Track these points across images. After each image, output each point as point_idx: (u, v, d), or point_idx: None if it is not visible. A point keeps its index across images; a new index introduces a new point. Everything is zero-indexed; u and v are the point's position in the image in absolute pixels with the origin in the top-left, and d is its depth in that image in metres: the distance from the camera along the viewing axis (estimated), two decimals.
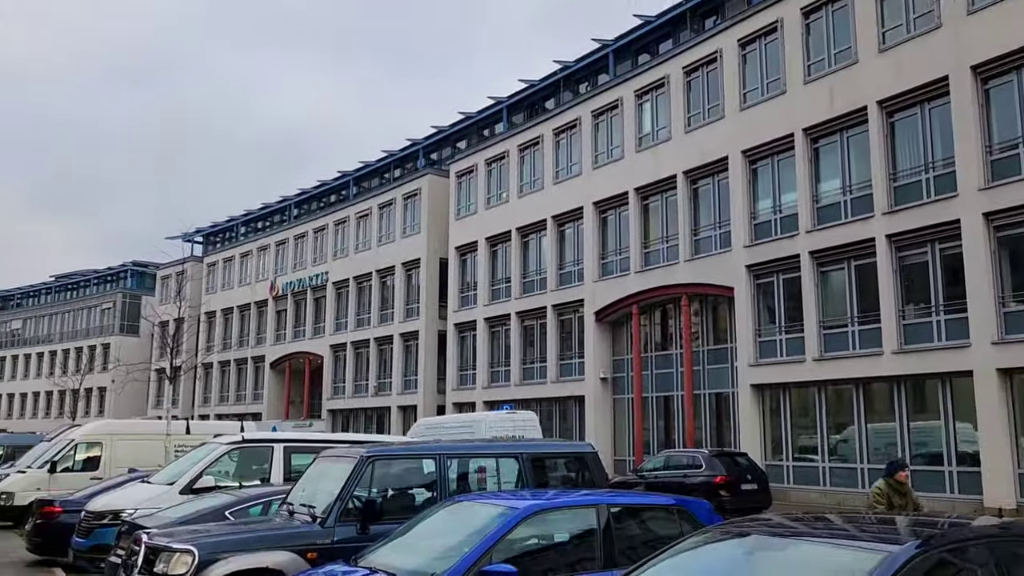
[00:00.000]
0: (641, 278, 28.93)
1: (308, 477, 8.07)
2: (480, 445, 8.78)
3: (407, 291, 41.51)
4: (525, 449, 8.06)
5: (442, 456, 7.57)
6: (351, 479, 7.09)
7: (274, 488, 9.44)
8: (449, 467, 7.55)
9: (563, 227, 33.10)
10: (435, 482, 7.46)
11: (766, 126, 24.79)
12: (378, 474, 7.31)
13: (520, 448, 8.08)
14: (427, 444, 8.41)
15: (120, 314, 65.75)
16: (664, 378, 28.82)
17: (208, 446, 11.29)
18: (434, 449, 7.89)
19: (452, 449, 7.97)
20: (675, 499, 5.88)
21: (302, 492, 7.95)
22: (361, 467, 7.16)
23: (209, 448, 11.08)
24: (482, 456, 8.10)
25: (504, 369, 35.04)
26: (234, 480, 10.94)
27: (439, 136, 44.24)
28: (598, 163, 31.34)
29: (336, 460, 7.79)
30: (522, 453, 7.91)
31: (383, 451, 7.61)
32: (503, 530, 5.10)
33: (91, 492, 12.38)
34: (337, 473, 7.48)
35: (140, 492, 10.65)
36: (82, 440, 18.60)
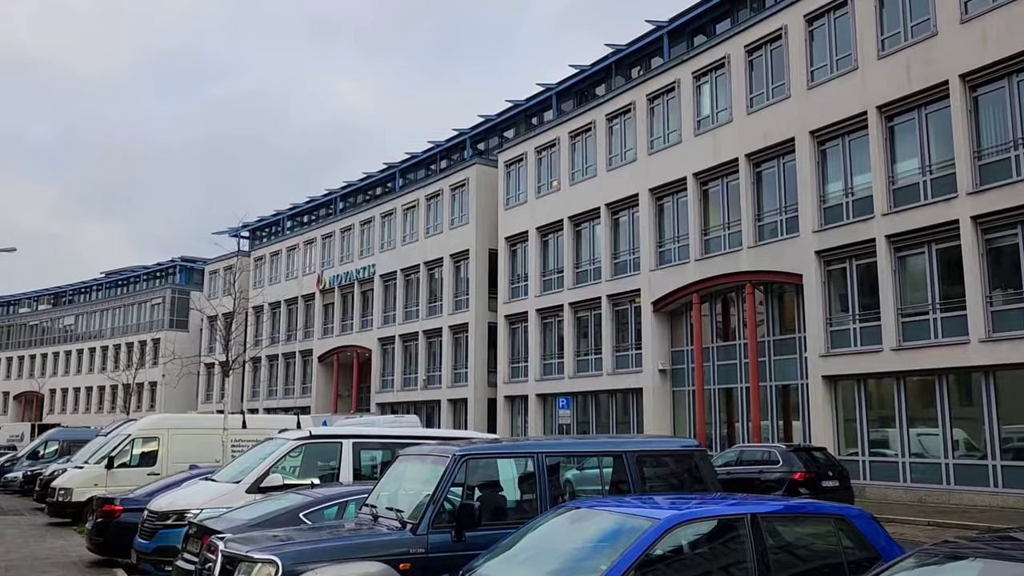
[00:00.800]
0: (701, 266, 27.90)
1: (391, 477, 7.37)
2: (581, 443, 7.95)
3: (456, 283, 40.90)
4: (630, 447, 7.24)
5: (541, 455, 6.78)
6: (444, 480, 6.36)
7: (349, 488, 8.78)
8: (548, 467, 6.78)
9: (617, 215, 32.16)
10: (534, 484, 6.70)
11: (836, 105, 23.60)
12: (472, 475, 6.58)
13: (624, 446, 7.27)
14: (524, 442, 7.62)
15: (169, 309, 66.31)
16: (726, 370, 27.78)
17: (274, 442, 10.68)
18: (532, 447, 7.10)
19: (551, 447, 7.17)
20: (836, 507, 5.04)
21: (385, 494, 7.26)
22: (455, 467, 6.43)
23: (275, 444, 10.47)
24: (583, 455, 7.32)
25: (557, 361, 34.24)
26: (300, 478, 10.31)
27: (486, 125, 43.51)
28: (654, 148, 30.33)
29: (424, 459, 7.07)
30: (626, 451, 7.11)
31: (478, 449, 6.86)
32: (644, 544, 4.32)
33: (152, 490, 11.88)
34: (426, 473, 6.77)
35: (204, 491, 10.08)
36: (139, 435, 18.27)
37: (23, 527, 17.52)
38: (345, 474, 10.35)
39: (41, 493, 20.79)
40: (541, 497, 6.65)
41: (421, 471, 6.96)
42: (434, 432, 13.81)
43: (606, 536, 4.67)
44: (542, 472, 6.74)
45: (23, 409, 75.61)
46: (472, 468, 6.58)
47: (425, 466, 6.92)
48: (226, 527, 7.75)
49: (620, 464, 7.07)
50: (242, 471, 10.36)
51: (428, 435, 11.73)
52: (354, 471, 10.42)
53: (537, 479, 6.71)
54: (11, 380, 78.85)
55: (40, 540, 15.03)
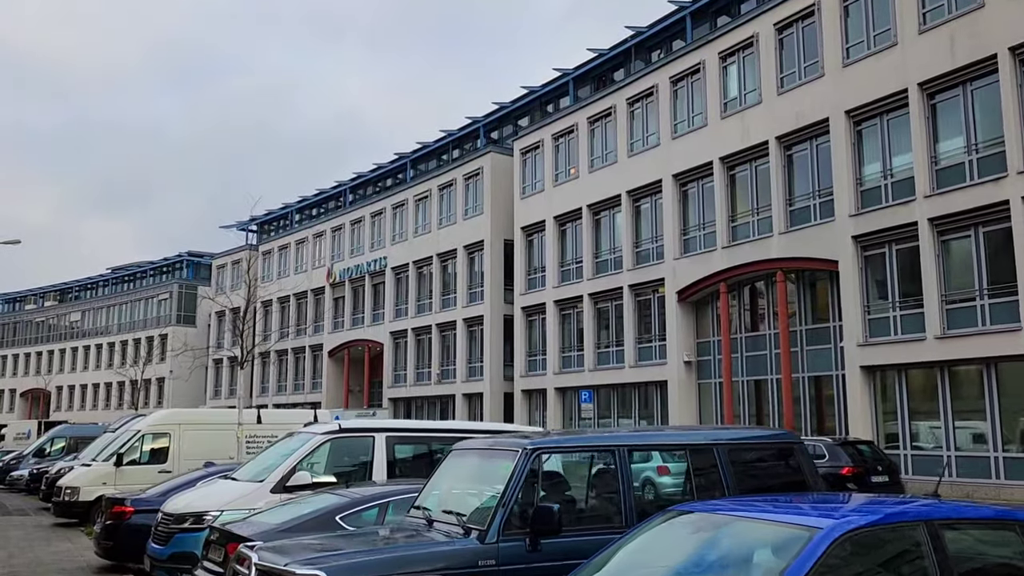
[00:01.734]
0: (728, 254, 26.87)
1: (444, 475, 6.39)
2: (665, 435, 6.94)
3: (470, 274, 39.92)
4: (721, 439, 6.25)
5: (622, 449, 5.81)
6: (514, 478, 5.38)
7: (390, 487, 7.81)
8: (631, 463, 5.80)
9: (639, 202, 31.14)
10: (615, 483, 5.72)
11: (874, 83, 22.54)
12: (546, 473, 5.61)
13: (715, 437, 6.28)
14: (601, 434, 6.60)
15: (176, 304, 65.47)
16: (755, 361, 26.77)
17: (299, 436, 9.72)
18: (612, 440, 6.11)
19: (634, 440, 6.17)
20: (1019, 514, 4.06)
21: (438, 493, 6.30)
22: (526, 462, 5.45)
23: (301, 439, 9.50)
24: (669, 448, 6.33)
25: (577, 354, 33.26)
26: (328, 476, 9.35)
27: (500, 113, 42.48)
28: (677, 132, 29.29)
29: (485, 453, 6.09)
30: (717, 444, 6.13)
31: (552, 442, 5.86)
32: (810, 560, 3.35)
33: (165, 489, 10.93)
34: (490, 470, 5.81)
35: (224, 491, 9.12)
36: (148, 431, 17.34)
37: (28, 528, 16.63)
38: (378, 471, 9.39)
39: (47, 492, 19.90)
40: (624, 499, 5.67)
41: (482, 468, 6.00)
42: (476, 425, 12.84)
43: (748, 550, 3.71)
44: (624, 469, 5.75)
45: (30, 406, 74.90)
46: (546, 464, 5.61)
47: (488, 462, 5.96)
48: (253, 533, 6.80)
49: (710, 459, 6.09)
50: (265, 469, 9.40)
51: (469, 427, 10.76)
52: (388, 468, 9.45)
53: (619, 477, 5.72)
54: (17, 377, 78.14)
55: (45, 543, 14.12)
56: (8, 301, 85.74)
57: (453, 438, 9.91)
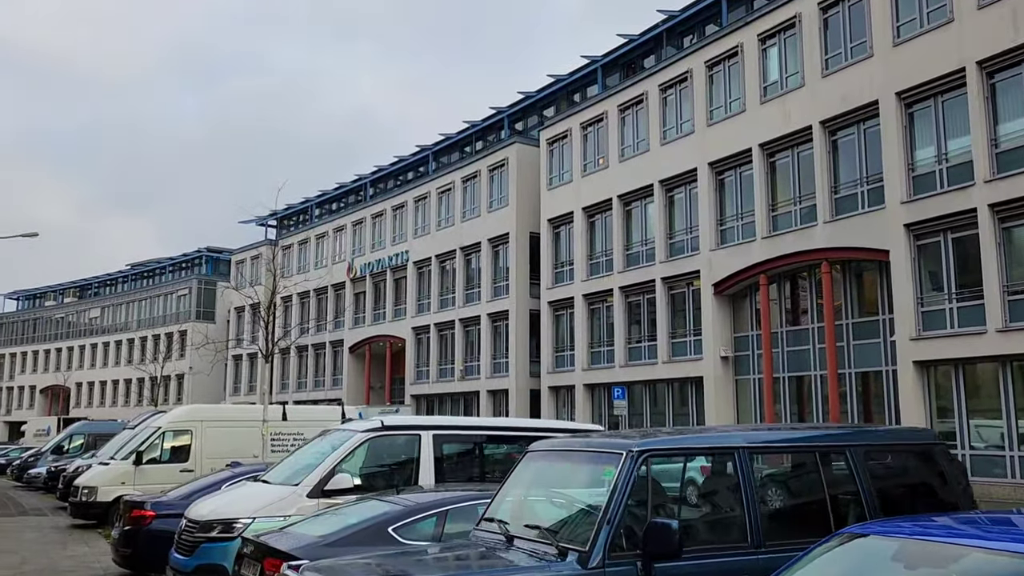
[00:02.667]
0: (769, 244, 25.74)
1: (519, 482, 5.41)
2: (791, 434, 5.84)
3: (494, 268, 38.94)
4: (855, 439, 5.23)
5: (743, 452, 4.81)
6: (619, 488, 4.39)
7: (447, 493, 6.85)
8: (753, 469, 4.80)
9: (672, 192, 30.04)
10: (737, 493, 4.71)
11: (927, 62, 21.33)
12: (657, 479, 4.62)
13: (847, 438, 5.26)
14: (717, 434, 5.58)
15: (196, 301, 64.93)
16: (797, 356, 25.63)
17: (337, 434, 8.78)
18: (729, 440, 5.11)
19: (757, 440, 5.14)
20: None
21: (512, 502, 5.32)
22: (632, 469, 4.46)
23: (340, 437, 8.56)
24: (798, 450, 5.30)
25: (607, 349, 32.22)
26: (367, 479, 8.39)
27: (525, 103, 41.46)
28: (713, 119, 28.17)
29: (574, 457, 5.10)
30: (851, 446, 5.11)
31: (663, 443, 4.85)
32: None
33: (188, 492, 10.04)
34: (583, 477, 4.85)
35: (255, 495, 8.19)
36: (169, 428, 16.51)
37: (44, 529, 15.85)
38: (425, 474, 8.43)
39: (64, 491, 19.16)
40: (749, 512, 4.67)
41: (572, 473, 5.03)
42: (531, 422, 11.85)
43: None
44: (746, 475, 4.76)
45: (49, 403, 74.70)
46: (656, 470, 4.61)
47: (580, 467, 4.98)
48: (295, 547, 5.85)
49: (842, 464, 5.08)
50: (300, 471, 8.47)
51: (524, 425, 9.79)
52: (436, 470, 8.49)
53: (741, 485, 4.73)
54: (37, 374, 77.98)
55: (61, 546, 13.29)
56: (28, 298, 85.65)
57: (508, 437, 8.97)
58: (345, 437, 8.47)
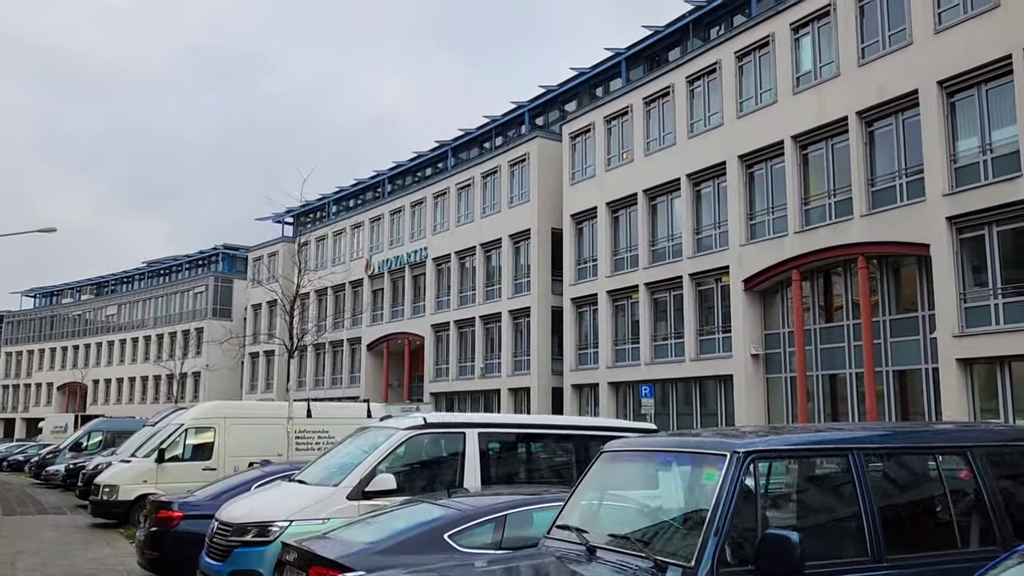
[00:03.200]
0: (801, 239, 25.04)
1: (595, 485, 4.83)
2: (907, 433, 5.20)
3: (515, 265, 38.37)
4: (978, 439, 4.62)
5: (858, 453, 4.21)
6: (725, 495, 3.81)
7: (504, 497, 6.28)
8: (870, 471, 4.21)
9: (700, 186, 29.37)
10: (854, 500, 4.11)
11: (972, 49, 20.59)
12: (767, 486, 4.04)
13: (970, 438, 4.65)
14: (831, 432, 4.93)
15: (212, 298, 64.71)
16: (831, 354, 24.92)
17: (376, 431, 8.23)
18: (843, 439, 4.49)
19: (873, 440, 4.51)
20: None
21: (589, 509, 4.75)
22: (738, 473, 3.88)
23: (380, 434, 8.01)
24: (916, 451, 4.65)
25: (632, 346, 31.59)
26: (407, 480, 7.82)
27: (546, 97, 40.85)
28: (743, 111, 27.48)
29: (666, 458, 4.51)
30: (972, 447, 4.48)
31: (772, 443, 4.24)
32: None
33: (217, 492, 9.53)
34: (675, 482, 4.27)
35: (291, 496, 7.66)
36: (192, 425, 16.05)
37: (64, 529, 15.41)
38: (471, 475, 7.86)
39: (84, 489, 18.77)
40: (868, 523, 4.08)
41: (659, 477, 4.45)
42: (583, 420, 11.27)
43: None
44: (863, 479, 4.16)
45: (67, 400, 74.76)
46: (765, 475, 4.03)
47: (670, 470, 4.40)
48: (343, 555, 5.31)
49: (963, 467, 4.49)
50: (338, 470, 7.93)
51: (575, 423, 9.21)
52: (482, 471, 7.92)
53: (859, 491, 4.13)
54: (55, 371, 78.06)
55: (82, 547, 12.83)
56: (45, 295, 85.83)
57: (557, 435, 8.40)
58: (385, 435, 7.92)
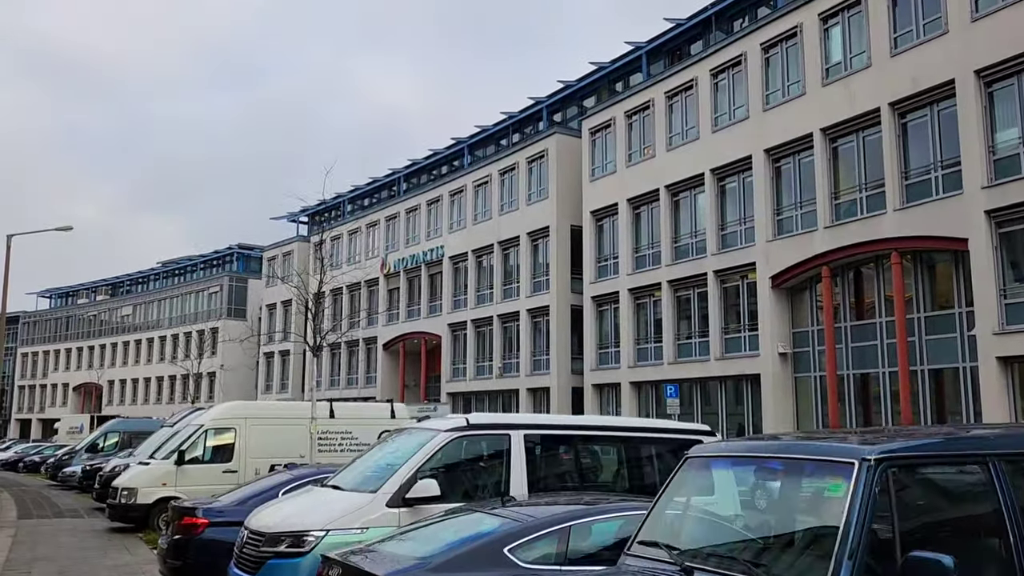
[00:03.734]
0: (832, 234, 24.40)
1: (685, 495, 4.31)
2: None
3: (534, 262, 37.84)
4: None
5: (996, 461, 3.65)
6: (859, 509, 3.26)
7: (565, 507, 5.75)
8: (1013, 483, 3.66)
9: (724, 181, 28.76)
10: (999, 514, 3.57)
11: (1011, 37, 19.92)
12: (904, 499, 3.49)
13: None
14: (971, 436, 4.38)
15: (227, 298, 64.46)
16: (862, 352, 24.27)
17: (415, 433, 7.71)
18: (985, 443, 3.93)
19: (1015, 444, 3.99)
20: None
21: (675, 522, 4.22)
22: (871, 483, 3.33)
23: (420, 436, 7.48)
24: None
25: (654, 346, 31.00)
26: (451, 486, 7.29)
27: (564, 93, 40.28)
28: (770, 104, 26.85)
29: (773, 465, 3.94)
30: None
31: (904, 449, 3.65)
32: None
33: (243, 497, 9.04)
34: (791, 493, 3.73)
35: (325, 503, 7.15)
36: (212, 425, 15.59)
37: (81, 533, 14.99)
38: (517, 481, 7.33)
39: (101, 491, 18.37)
40: (1016, 541, 3.54)
41: (764, 487, 3.92)
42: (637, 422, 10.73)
43: None
44: (1005, 490, 3.62)
45: (82, 400, 74.72)
46: (900, 486, 3.48)
47: (778, 479, 3.85)
48: (393, 571, 4.80)
49: None
50: (375, 475, 7.41)
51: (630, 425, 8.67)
52: (528, 476, 7.39)
53: (1003, 504, 3.59)
54: (70, 371, 78.07)
55: (101, 553, 12.38)
56: (60, 296, 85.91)
57: (611, 438, 7.87)
58: (426, 437, 7.39)
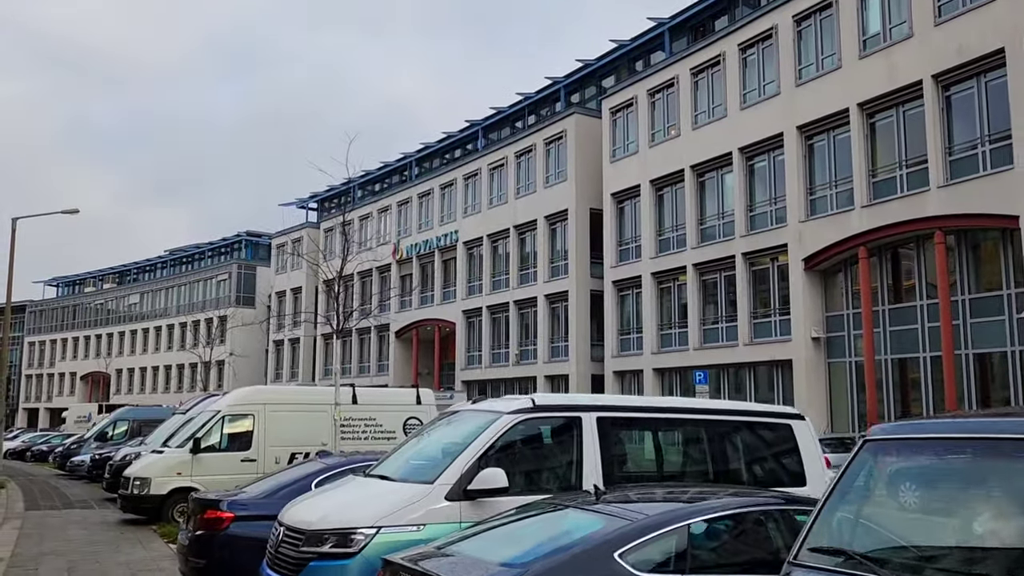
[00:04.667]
0: (870, 213, 23.37)
1: (869, 490, 3.36)
2: None
3: (551, 247, 36.87)
4: None
5: None
6: None
7: (679, 504, 4.81)
8: None
9: (753, 160, 27.73)
10: None
11: None
12: None
13: None
14: None
15: (236, 286, 63.57)
16: (901, 336, 23.28)
17: (472, 416, 6.75)
18: None
19: None
20: None
21: (862, 525, 3.28)
22: None
23: (479, 419, 6.53)
24: None
25: (679, 331, 30.04)
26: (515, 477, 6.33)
27: (583, 72, 39.19)
28: (803, 78, 25.79)
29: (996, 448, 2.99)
30: None
31: None
32: None
33: (271, 488, 8.13)
34: None
35: (374, 496, 6.21)
36: (229, 412, 14.68)
37: (91, 526, 14.13)
38: (591, 471, 6.38)
39: (112, 481, 17.50)
40: None
41: (989, 478, 2.98)
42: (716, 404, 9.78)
43: None
44: None
45: (90, 390, 74.09)
46: None
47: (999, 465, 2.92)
48: None
49: None
50: (427, 463, 6.48)
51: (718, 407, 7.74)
52: (604, 465, 6.44)
53: None
54: (78, 360, 77.43)
55: (113, 548, 11.50)
56: (68, 284, 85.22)
57: (696, 421, 6.92)
58: (485, 420, 6.44)
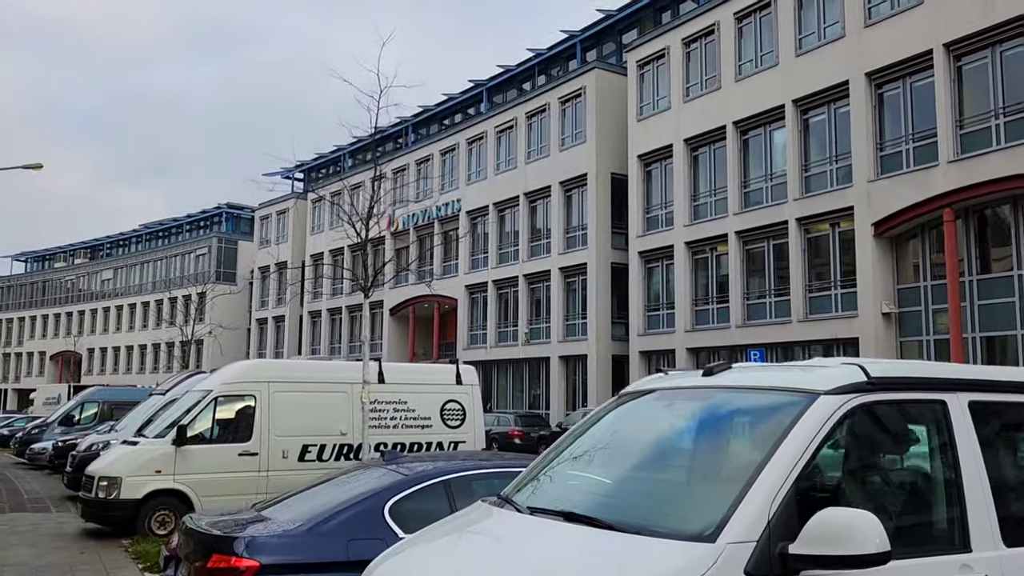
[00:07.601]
0: (958, 170, 20.37)
1: None
2: None
3: (567, 215, 33.70)
4: None
5: None
6: None
7: None
8: None
9: (809, 114, 24.64)
10: None
11: None
12: None
13: None
14: None
15: (216, 260, 59.79)
16: (990, 312, 20.36)
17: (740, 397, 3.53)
18: None
19: None
20: None
21: None
22: None
23: (773, 401, 3.26)
24: None
25: (718, 307, 27.01)
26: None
27: (602, 25, 35.87)
28: (872, 18, 22.70)
29: None
30: None
31: None
32: None
33: (319, 513, 4.88)
34: None
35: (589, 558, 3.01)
36: (223, 392, 11.37)
37: (41, 540, 10.77)
38: (973, 484, 3.22)
39: (74, 475, 14.15)
40: None
41: None
42: None
43: None
44: None
45: (60, 370, 70.06)
46: None
47: None
48: None
49: None
50: (661, 487, 3.26)
51: None
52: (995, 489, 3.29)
53: None
54: (47, 339, 73.26)
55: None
56: (36, 259, 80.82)
57: None
58: (786, 411, 3.18)
